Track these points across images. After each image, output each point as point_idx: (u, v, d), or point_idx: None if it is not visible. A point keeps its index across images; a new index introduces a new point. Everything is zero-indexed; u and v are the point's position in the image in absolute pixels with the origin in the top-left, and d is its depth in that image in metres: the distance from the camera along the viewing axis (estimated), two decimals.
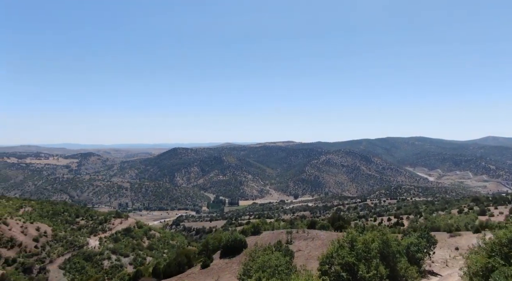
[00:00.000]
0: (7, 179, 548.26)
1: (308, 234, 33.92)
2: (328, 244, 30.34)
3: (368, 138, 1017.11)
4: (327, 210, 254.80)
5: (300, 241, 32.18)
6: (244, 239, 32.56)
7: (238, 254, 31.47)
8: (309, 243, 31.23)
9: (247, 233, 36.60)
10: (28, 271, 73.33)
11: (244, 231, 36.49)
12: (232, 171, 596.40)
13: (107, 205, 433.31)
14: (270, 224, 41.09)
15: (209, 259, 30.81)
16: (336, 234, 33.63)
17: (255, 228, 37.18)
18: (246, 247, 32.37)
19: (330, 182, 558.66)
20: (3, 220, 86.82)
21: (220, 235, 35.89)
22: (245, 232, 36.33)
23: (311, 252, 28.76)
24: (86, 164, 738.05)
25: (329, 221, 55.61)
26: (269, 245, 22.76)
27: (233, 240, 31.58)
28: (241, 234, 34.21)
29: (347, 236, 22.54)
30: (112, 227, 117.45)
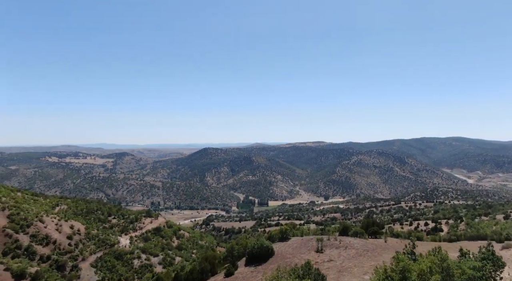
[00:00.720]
0: (48, 177, 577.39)
1: (341, 242, 31.25)
2: (362, 254, 27.62)
3: (402, 138, 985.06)
4: (358, 212, 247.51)
5: (331, 250, 29.61)
6: (271, 246, 30.42)
7: (264, 262, 29.39)
8: (342, 252, 28.61)
9: (275, 239, 34.46)
10: (61, 269, 75.00)
11: (271, 236, 34.38)
12: (262, 171, 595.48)
13: (140, 204, 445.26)
14: (299, 230, 38.65)
15: (233, 266, 29.00)
16: (371, 243, 30.72)
17: (283, 233, 34.95)
18: (273, 254, 30.24)
19: (361, 183, 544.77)
20: (39, 217, 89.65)
21: (246, 240, 33.94)
22: (272, 238, 34.21)
23: (344, 263, 26.19)
24: (121, 163, 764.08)
25: (363, 226, 52.31)
26: (296, 268, 20.05)
27: (259, 247, 29.54)
28: (268, 241, 32.07)
29: (397, 264, 17.21)
30: (143, 226, 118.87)
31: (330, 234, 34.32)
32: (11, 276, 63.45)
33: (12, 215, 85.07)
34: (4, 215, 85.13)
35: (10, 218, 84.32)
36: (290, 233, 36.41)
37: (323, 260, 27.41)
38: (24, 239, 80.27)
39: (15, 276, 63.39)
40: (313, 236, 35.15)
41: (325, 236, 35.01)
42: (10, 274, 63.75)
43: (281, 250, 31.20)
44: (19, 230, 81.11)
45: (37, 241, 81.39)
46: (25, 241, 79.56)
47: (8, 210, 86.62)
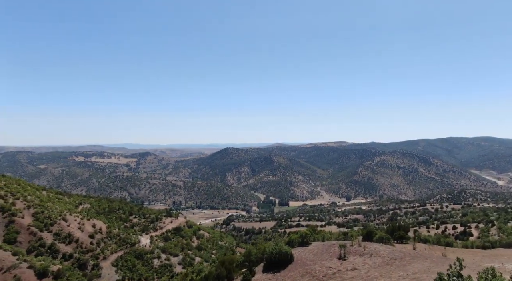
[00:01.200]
0: (75, 176, 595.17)
1: (365, 248, 29.20)
2: (390, 263, 25.56)
3: (427, 139, 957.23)
4: (382, 214, 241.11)
5: (355, 257, 27.64)
6: (290, 251, 28.76)
7: (283, 268, 27.77)
8: (367, 260, 26.60)
9: (294, 244, 32.77)
10: (82, 267, 75.85)
11: (290, 241, 32.70)
12: (282, 172, 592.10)
13: (162, 203, 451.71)
14: (320, 234, 36.74)
15: (250, 273, 27.57)
16: (399, 250, 28.53)
17: (303, 238, 33.20)
18: (293, 260, 28.59)
19: (384, 184, 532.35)
20: (63, 216, 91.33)
21: (263, 245, 32.38)
22: (292, 243, 32.53)
23: (370, 272, 24.23)
24: (144, 163, 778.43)
25: (388, 231, 49.74)
26: None
27: (278, 253, 27.95)
28: (287, 245, 30.40)
29: None
30: (163, 226, 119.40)
31: (353, 240, 32.28)
32: (34, 273, 64.39)
33: (36, 214, 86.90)
34: (30, 213, 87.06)
35: (35, 216, 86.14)
36: (311, 238, 34.58)
37: (346, 268, 25.53)
38: (48, 237, 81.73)
39: (38, 274, 64.28)
40: (335, 242, 33.19)
41: (348, 241, 32.99)
42: (33, 272, 64.73)
43: (301, 256, 29.48)
44: (43, 228, 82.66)
45: (60, 240, 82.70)
46: (48, 239, 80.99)
47: (33, 209, 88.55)
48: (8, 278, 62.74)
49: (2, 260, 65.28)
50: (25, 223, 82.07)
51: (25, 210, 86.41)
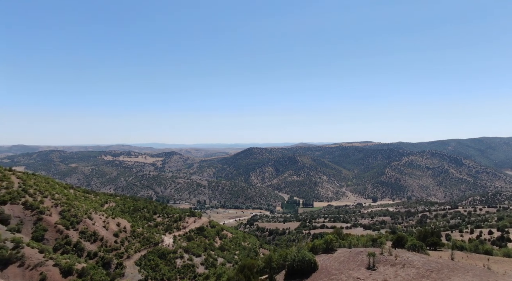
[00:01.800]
0: (104, 175, 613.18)
1: (396, 257, 26.70)
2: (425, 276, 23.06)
3: (458, 139, 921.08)
4: (410, 216, 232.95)
5: (385, 267, 25.24)
6: (314, 259, 26.72)
7: (306, 278, 25.81)
8: (399, 271, 24.16)
9: (318, 250, 30.66)
10: (106, 266, 76.44)
11: (314, 247, 30.63)
12: (307, 172, 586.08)
13: (187, 202, 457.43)
14: (347, 240, 34.37)
15: None
16: (435, 261, 25.86)
17: (328, 244, 31.03)
18: (317, 269, 26.54)
19: (413, 185, 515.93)
20: (88, 214, 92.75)
21: (285, 251, 30.47)
22: (315, 249, 30.45)
23: None
24: (169, 162, 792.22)
25: (419, 237, 46.50)
26: None
27: (301, 261, 26.00)
28: (311, 252, 28.34)
29: None
30: (186, 226, 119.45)
31: (383, 247, 29.79)
32: (60, 271, 65.22)
33: (63, 212, 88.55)
34: (57, 211, 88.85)
35: (62, 214, 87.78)
36: (336, 244, 32.32)
37: (376, 280, 23.23)
38: (74, 235, 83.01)
39: (63, 272, 65.04)
40: (363, 249, 30.79)
41: (377, 249, 30.51)
42: (59, 270, 65.58)
43: (326, 264, 27.35)
44: (69, 226, 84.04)
45: (85, 238, 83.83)
46: (74, 237, 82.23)
47: (60, 207, 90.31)
48: (34, 275, 63.85)
49: (29, 257, 66.53)
50: (52, 221, 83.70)
51: (53, 208, 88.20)
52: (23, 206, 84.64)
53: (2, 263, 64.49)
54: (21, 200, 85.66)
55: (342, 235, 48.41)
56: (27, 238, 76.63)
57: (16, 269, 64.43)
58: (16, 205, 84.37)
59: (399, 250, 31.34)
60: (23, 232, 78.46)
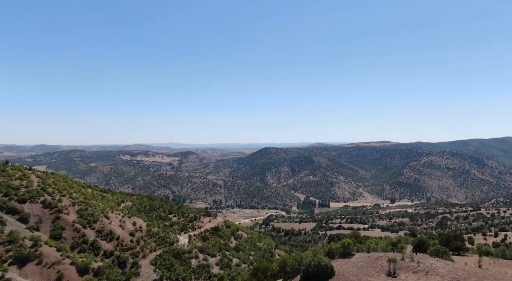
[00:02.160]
0: (122, 174, 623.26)
1: (419, 264, 25.15)
2: None
3: (480, 138, 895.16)
4: (430, 218, 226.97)
5: (407, 274, 23.76)
6: (330, 264, 25.46)
7: None
8: (422, 279, 22.64)
9: (335, 254, 29.36)
10: (122, 265, 76.83)
11: (330, 251, 29.34)
12: (323, 172, 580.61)
13: (203, 201, 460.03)
14: (365, 244, 32.90)
15: None
16: (461, 268, 24.21)
17: (345, 248, 29.68)
18: (334, 274, 25.28)
19: (432, 186, 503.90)
20: (105, 213, 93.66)
21: (300, 254, 29.30)
22: (332, 253, 29.16)
23: None
24: (186, 162, 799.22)
25: (442, 241, 44.51)
26: None
27: (316, 266, 24.79)
28: (327, 257, 27.09)
29: None
30: (201, 225, 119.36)
31: (404, 252, 28.23)
32: (76, 270, 65.80)
33: (81, 211, 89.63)
34: (74, 210, 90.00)
35: (79, 213, 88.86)
36: (354, 248, 30.92)
37: None
38: (90, 234, 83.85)
39: (80, 270, 65.59)
40: (382, 253, 29.29)
41: (398, 254, 28.98)
42: (75, 268, 66.17)
43: (343, 270, 26.04)
44: (86, 225, 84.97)
45: (101, 237, 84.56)
46: (91, 236, 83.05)
47: (78, 206, 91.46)
48: (52, 274, 64.58)
49: (47, 256, 67.37)
50: (70, 219, 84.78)
51: (70, 207, 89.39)
52: (42, 204, 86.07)
53: (21, 261, 65.51)
54: (40, 199, 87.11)
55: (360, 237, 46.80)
56: (46, 236, 77.79)
57: (34, 267, 65.34)
58: (35, 203, 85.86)
59: (421, 256, 29.71)
60: (41, 230, 79.71)
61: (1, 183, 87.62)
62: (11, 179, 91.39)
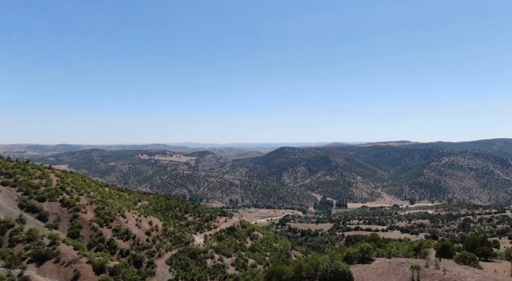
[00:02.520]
0: (140, 173, 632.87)
1: (445, 272, 23.41)
2: None
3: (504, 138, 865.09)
4: (451, 219, 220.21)
5: None
6: (348, 270, 24.06)
7: None
8: None
9: (353, 259, 27.90)
10: (138, 265, 76.99)
11: (349, 256, 27.89)
12: (340, 172, 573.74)
13: (219, 201, 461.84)
14: (385, 248, 31.23)
15: None
16: (492, 278, 22.38)
17: (364, 253, 28.17)
18: None
19: (454, 187, 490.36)
20: (122, 212, 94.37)
21: (317, 259, 27.96)
22: (350, 258, 27.71)
23: None
24: (203, 161, 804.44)
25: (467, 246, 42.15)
26: None
27: (333, 272, 23.44)
28: (345, 262, 25.67)
29: None
30: (217, 225, 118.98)
31: (428, 258, 26.49)
32: (92, 269, 66.14)
33: (98, 209, 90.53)
34: (92, 209, 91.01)
35: (96, 212, 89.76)
36: (374, 253, 29.34)
37: None
38: (107, 233, 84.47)
39: (96, 269, 65.87)
40: (404, 259, 27.60)
41: (421, 260, 27.26)
42: (92, 267, 66.54)
43: (362, 277, 24.59)
44: (103, 224, 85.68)
45: (118, 236, 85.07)
46: (108, 235, 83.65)
47: (95, 205, 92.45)
48: (69, 272, 65.13)
49: (64, 254, 68.06)
50: (87, 218, 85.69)
51: (88, 206, 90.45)
52: (60, 203, 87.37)
53: (39, 259, 66.37)
54: (58, 198, 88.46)
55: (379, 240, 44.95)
56: (63, 234, 78.79)
57: (52, 265, 66.08)
58: (54, 202, 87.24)
59: (447, 262, 27.88)
60: (59, 228, 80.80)
61: (21, 181, 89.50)
62: (31, 178, 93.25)
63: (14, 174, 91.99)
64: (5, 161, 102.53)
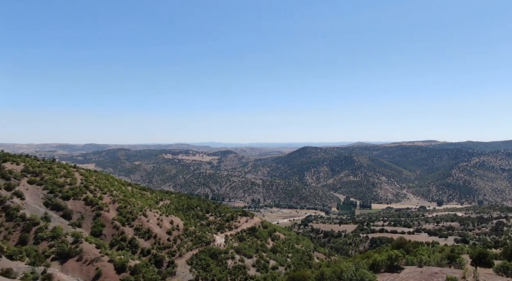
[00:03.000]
0: (164, 172, 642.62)
1: None
2: None
3: None
4: (482, 222, 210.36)
5: None
6: (375, 280, 22.00)
7: None
8: None
9: (380, 268, 25.72)
10: (158, 264, 76.96)
11: (375, 264, 25.77)
12: (364, 172, 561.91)
13: (241, 200, 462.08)
14: (416, 256, 28.83)
15: None
16: None
17: (393, 260, 25.95)
18: None
19: (485, 188, 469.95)
20: (143, 211, 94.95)
21: (340, 266, 26.00)
22: (377, 266, 25.57)
23: None
24: (225, 161, 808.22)
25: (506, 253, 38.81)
26: None
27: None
28: (371, 271, 23.60)
29: None
30: (238, 225, 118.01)
31: (465, 269, 24.02)
32: (114, 268, 66.45)
33: (120, 208, 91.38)
34: (114, 207, 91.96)
35: (119, 211, 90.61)
36: (403, 260, 27.05)
37: None
38: (129, 231, 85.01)
39: (117, 268, 66.17)
40: (438, 269, 25.21)
41: (457, 270, 24.79)
42: (113, 266, 66.86)
43: None
44: (125, 223, 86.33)
45: (139, 235, 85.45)
46: (129, 233, 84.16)
47: (118, 203, 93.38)
48: (91, 270, 65.67)
49: (87, 252, 68.75)
50: (110, 217, 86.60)
51: (111, 205, 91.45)
52: (84, 201, 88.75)
53: (62, 256, 67.31)
54: (82, 196, 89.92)
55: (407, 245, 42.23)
56: (87, 232, 79.83)
57: (75, 263, 66.83)
58: (78, 200, 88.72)
59: (485, 273, 25.26)
60: (83, 227, 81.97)
61: (47, 180, 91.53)
62: (57, 177, 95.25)
63: (40, 172, 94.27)
64: (32, 160, 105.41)
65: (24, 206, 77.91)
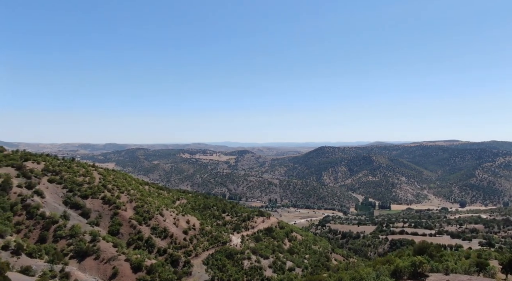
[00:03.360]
0: (182, 172, 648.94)
1: None
2: None
3: None
4: (509, 225, 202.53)
5: None
6: None
7: None
8: None
9: (403, 274, 24.19)
10: (174, 264, 76.80)
11: (397, 270, 24.25)
12: (383, 172, 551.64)
13: (258, 200, 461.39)
14: (441, 262, 27.04)
15: None
16: None
17: (416, 267, 24.36)
18: None
19: (510, 190, 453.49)
20: (160, 211, 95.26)
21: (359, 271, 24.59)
22: (400, 273, 24.03)
23: None
24: (242, 160, 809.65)
25: None
26: None
27: None
28: (393, 279, 22.11)
29: None
30: (255, 226, 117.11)
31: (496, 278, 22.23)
32: (130, 267, 66.55)
33: (137, 207, 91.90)
34: (131, 206, 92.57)
35: (136, 210, 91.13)
36: (427, 267, 25.38)
37: None
38: (146, 231, 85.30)
39: (133, 267, 66.23)
40: (466, 278, 23.43)
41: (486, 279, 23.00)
42: (129, 265, 66.98)
43: None
44: (142, 222, 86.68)
45: (156, 234, 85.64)
46: (146, 233, 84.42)
47: (135, 202, 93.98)
48: (108, 269, 65.98)
49: (104, 251, 69.18)
50: (127, 216, 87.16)
51: (128, 204, 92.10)
52: (102, 200, 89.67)
53: (80, 255, 67.92)
54: (100, 195, 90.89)
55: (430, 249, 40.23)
56: (104, 231, 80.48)
57: (92, 261, 67.32)
58: (96, 199, 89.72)
59: None
60: (101, 225, 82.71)
61: (66, 179, 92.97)
62: (76, 176, 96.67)
63: (60, 171, 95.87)
64: (53, 159, 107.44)
65: (44, 204, 79.22)
